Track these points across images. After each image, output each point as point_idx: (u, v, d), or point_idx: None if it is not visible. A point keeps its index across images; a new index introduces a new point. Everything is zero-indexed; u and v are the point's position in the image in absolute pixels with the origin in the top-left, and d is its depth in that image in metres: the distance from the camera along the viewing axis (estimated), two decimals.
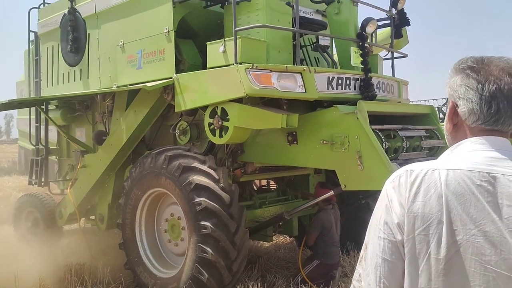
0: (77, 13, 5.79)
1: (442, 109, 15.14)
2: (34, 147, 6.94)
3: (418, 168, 1.22)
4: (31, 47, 7.07)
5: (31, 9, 6.81)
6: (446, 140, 1.35)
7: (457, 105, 1.26)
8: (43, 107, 6.50)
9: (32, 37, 6.96)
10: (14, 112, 10.18)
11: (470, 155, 1.20)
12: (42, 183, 6.73)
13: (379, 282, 1.22)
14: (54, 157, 7.09)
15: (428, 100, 17.46)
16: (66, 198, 6.25)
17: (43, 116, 6.62)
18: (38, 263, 5.90)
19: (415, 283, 1.17)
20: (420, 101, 16.52)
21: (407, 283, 1.18)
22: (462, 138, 1.26)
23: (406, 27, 5.35)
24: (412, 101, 6.49)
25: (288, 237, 6.80)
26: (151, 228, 4.87)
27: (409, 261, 1.18)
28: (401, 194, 1.21)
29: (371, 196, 5.91)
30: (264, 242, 6.52)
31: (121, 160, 5.54)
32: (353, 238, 5.97)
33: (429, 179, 1.18)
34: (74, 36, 5.79)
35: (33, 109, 6.95)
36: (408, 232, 1.18)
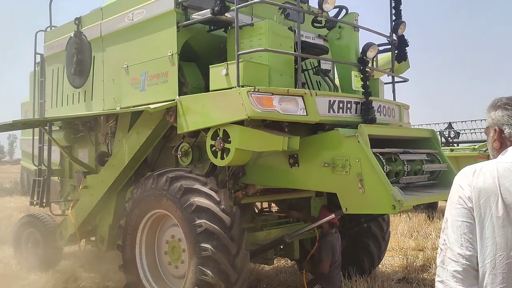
0: (83, 36, 5.89)
1: (444, 133, 15.15)
2: (36, 168, 6.96)
3: (477, 165, 1.81)
4: (36, 69, 7.17)
5: (37, 31, 6.94)
6: (491, 155, 1.95)
7: (502, 130, 1.87)
8: (46, 128, 6.54)
9: (38, 59, 7.06)
10: (18, 132, 10.27)
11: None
12: (44, 204, 6.73)
13: (460, 237, 1.74)
14: (56, 177, 7.10)
15: (429, 124, 17.49)
16: (67, 219, 6.23)
17: (46, 137, 6.66)
18: (38, 286, 5.85)
19: (483, 235, 1.71)
20: (421, 125, 16.55)
21: (478, 235, 1.71)
22: (506, 149, 1.85)
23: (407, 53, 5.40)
24: (413, 125, 6.51)
25: (289, 261, 6.74)
26: (151, 250, 4.84)
27: (478, 220, 1.72)
28: (468, 178, 1.79)
29: (373, 220, 5.89)
30: (265, 265, 6.45)
31: (123, 181, 5.55)
32: (354, 262, 5.92)
33: (486, 169, 1.77)
34: (79, 58, 5.88)
35: (36, 129, 7.00)
36: (475, 201, 1.73)
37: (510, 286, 1.68)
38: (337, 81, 5.47)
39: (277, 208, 6.27)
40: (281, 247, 5.47)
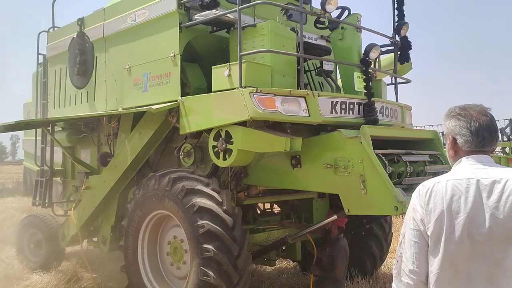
0: (85, 36, 5.90)
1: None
2: (39, 168, 6.97)
3: (429, 183, 1.90)
4: (39, 69, 7.18)
5: (40, 32, 6.95)
6: (449, 161, 2.02)
7: (455, 139, 1.94)
8: (49, 128, 6.55)
9: (41, 59, 7.07)
10: (20, 133, 10.29)
11: (462, 169, 1.90)
12: (46, 204, 6.74)
13: (413, 256, 1.90)
14: (59, 178, 7.11)
15: (432, 125, 17.44)
16: (69, 220, 6.24)
17: (49, 137, 6.67)
18: (40, 286, 5.86)
19: (433, 251, 1.84)
20: (424, 126, 16.51)
21: (430, 251, 1.85)
22: (459, 158, 1.95)
23: (410, 54, 5.39)
24: (415, 126, 6.51)
25: (291, 262, 6.73)
26: (153, 251, 4.84)
27: (430, 239, 1.85)
28: (421, 199, 1.89)
29: (375, 221, 5.88)
30: (267, 267, 6.45)
31: (125, 181, 5.55)
32: (356, 264, 5.90)
33: (436, 188, 1.86)
34: (82, 59, 5.89)
35: (39, 130, 7.01)
36: (427, 222, 1.86)
37: None
38: (339, 82, 5.47)
39: (279, 209, 6.27)
40: (283, 248, 5.45)
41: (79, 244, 6.26)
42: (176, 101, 4.58)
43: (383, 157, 4.08)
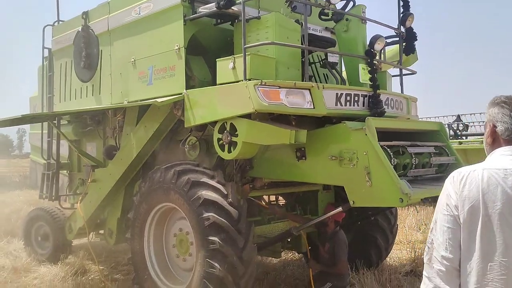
0: (90, 30, 5.91)
1: (452, 126, 15.04)
2: (45, 162, 7.02)
3: (464, 170, 1.91)
4: (45, 63, 7.20)
5: (45, 26, 6.96)
6: (485, 150, 2.05)
7: (495, 126, 1.97)
8: (55, 122, 6.58)
9: (46, 53, 7.10)
10: (27, 127, 10.35)
11: (499, 158, 1.91)
12: (53, 197, 6.79)
13: (445, 241, 1.89)
14: (65, 171, 7.16)
15: (437, 117, 17.38)
16: (76, 212, 6.29)
17: (55, 131, 6.71)
18: (47, 278, 5.92)
19: (467, 240, 1.85)
20: (429, 118, 16.44)
21: (463, 239, 1.86)
22: (497, 147, 1.97)
23: (415, 45, 5.36)
24: (421, 118, 6.48)
25: (296, 254, 6.76)
26: (159, 243, 4.87)
27: (463, 226, 1.85)
28: (455, 186, 1.89)
29: (380, 213, 5.88)
30: (273, 258, 6.48)
31: (131, 174, 5.58)
32: (362, 255, 5.92)
33: (472, 176, 1.87)
34: (87, 52, 5.91)
35: (45, 124, 7.05)
36: (461, 210, 1.86)
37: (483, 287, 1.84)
38: (344, 74, 5.45)
39: (284, 201, 6.28)
40: (289, 240, 5.48)
41: (86, 237, 6.32)
42: (181, 94, 4.58)
43: (388, 149, 4.07)
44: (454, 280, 1.89)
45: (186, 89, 4.59)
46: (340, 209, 4.50)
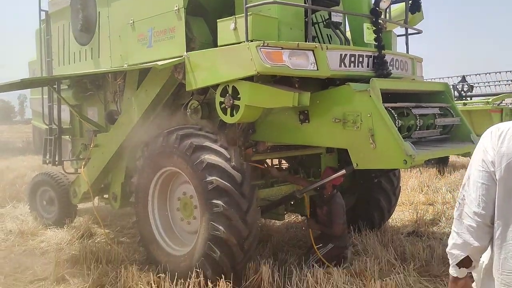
0: None
1: (457, 87, 14.90)
2: (47, 127, 7.01)
3: (503, 126, 1.88)
4: (42, 26, 7.07)
5: None
6: None
7: None
8: (55, 86, 6.53)
9: (43, 16, 6.95)
10: (27, 92, 10.27)
11: None
12: (56, 162, 6.82)
13: (479, 197, 1.87)
14: (67, 136, 7.16)
15: (442, 78, 17.19)
16: (80, 177, 6.33)
17: (55, 95, 6.66)
18: (54, 242, 6.03)
19: (502, 196, 1.83)
20: (434, 79, 16.27)
21: (497, 196, 1.84)
22: None
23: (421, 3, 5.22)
24: (426, 79, 6.38)
25: (299, 216, 6.83)
26: (163, 207, 4.92)
27: (499, 183, 1.83)
28: (493, 141, 1.86)
29: (384, 175, 5.90)
30: (276, 221, 6.56)
31: (134, 139, 5.56)
32: (365, 217, 5.99)
33: (511, 132, 1.83)
34: (85, 14, 5.78)
35: (45, 88, 6.99)
36: (497, 166, 1.83)
37: None
38: (348, 34, 5.34)
39: (287, 164, 6.30)
40: (292, 203, 5.52)
41: (90, 201, 6.39)
42: (182, 56, 4.51)
43: (392, 111, 4.03)
44: (485, 236, 1.89)
45: (186, 52, 4.51)
46: (343, 171, 4.50)
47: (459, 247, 1.95)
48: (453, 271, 2.00)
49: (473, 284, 2.07)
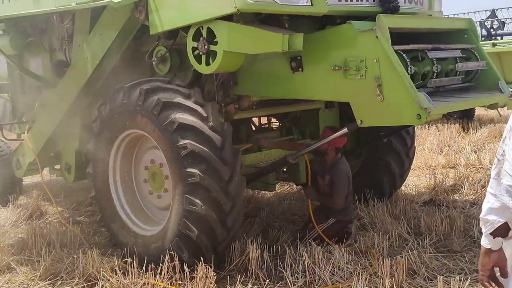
0: None
1: (485, 23, 14.89)
2: None
3: None
4: None
5: None
6: None
7: None
8: None
9: None
10: None
11: None
12: None
13: None
14: (6, 94, 7.08)
15: (467, 13, 17.16)
16: (24, 144, 6.30)
17: None
18: None
19: None
20: (457, 14, 16.22)
21: None
22: None
23: None
24: (446, 15, 6.37)
25: (294, 186, 6.92)
26: (128, 178, 4.95)
27: None
28: None
29: (394, 134, 5.96)
30: (266, 192, 6.64)
31: (88, 96, 5.52)
32: (372, 184, 6.08)
33: None
34: None
35: None
36: None
37: None
38: None
39: (278, 123, 6.32)
40: (284, 170, 5.57)
41: (38, 174, 6.38)
42: None
43: (404, 54, 4.03)
44: None
45: None
46: (345, 130, 4.52)
47: (496, 211, 1.97)
48: (486, 242, 2.03)
49: None
